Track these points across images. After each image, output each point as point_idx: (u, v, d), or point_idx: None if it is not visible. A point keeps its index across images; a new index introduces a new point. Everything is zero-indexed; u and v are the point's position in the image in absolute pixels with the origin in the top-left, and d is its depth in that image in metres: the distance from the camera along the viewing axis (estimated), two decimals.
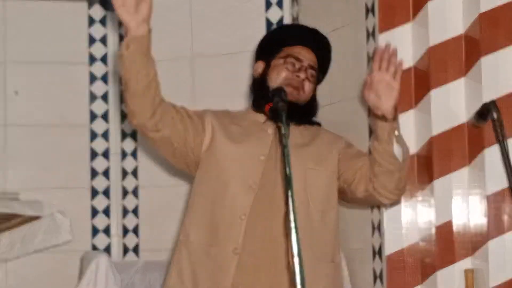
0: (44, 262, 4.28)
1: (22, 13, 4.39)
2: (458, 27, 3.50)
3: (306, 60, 3.17)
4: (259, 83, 3.16)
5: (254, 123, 3.15)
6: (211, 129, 3.11)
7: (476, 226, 3.43)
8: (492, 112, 2.91)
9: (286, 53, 3.16)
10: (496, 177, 3.32)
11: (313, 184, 3.07)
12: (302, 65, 3.15)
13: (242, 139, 3.09)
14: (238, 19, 4.31)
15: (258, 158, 3.05)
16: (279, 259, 2.96)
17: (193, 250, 3.04)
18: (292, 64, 3.14)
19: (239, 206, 3.00)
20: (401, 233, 3.54)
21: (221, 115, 3.20)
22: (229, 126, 3.14)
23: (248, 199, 3.00)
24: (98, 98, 4.44)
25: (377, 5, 3.62)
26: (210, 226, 3.03)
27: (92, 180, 4.39)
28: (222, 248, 2.99)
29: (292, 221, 2.49)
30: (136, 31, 2.82)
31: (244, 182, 3.03)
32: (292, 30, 3.37)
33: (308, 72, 3.16)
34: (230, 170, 3.04)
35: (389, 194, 3.12)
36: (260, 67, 3.20)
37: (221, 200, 3.03)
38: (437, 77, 3.49)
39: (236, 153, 3.06)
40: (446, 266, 3.45)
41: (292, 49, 3.17)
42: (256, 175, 3.03)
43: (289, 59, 3.14)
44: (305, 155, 3.08)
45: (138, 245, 4.38)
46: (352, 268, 3.73)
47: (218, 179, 3.06)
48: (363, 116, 3.71)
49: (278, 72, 3.12)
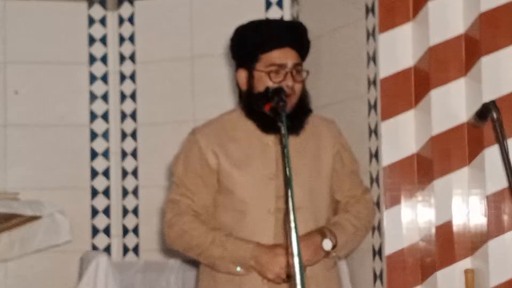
0: (44, 262, 4.28)
1: (22, 13, 4.39)
2: (458, 27, 3.50)
3: (288, 61, 2.98)
4: (248, 96, 3.05)
5: (251, 135, 3.04)
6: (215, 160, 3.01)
7: (476, 226, 3.43)
8: (492, 112, 2.91)
9: (265, 63, 2.98)
10: (496, 177, 3.32)
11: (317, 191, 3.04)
12: (286, 71, 2.97)
13: (245, 162, 3.00)
14: (238, 19, 4.30)
15: (268, 178, 2.99)
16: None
17: (218, 279, 3.01)
18: (275, 72, 2.96)
19: (261, 233, 2.96)
20: (401, 233, 3.54)
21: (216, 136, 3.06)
22: (229, 149, 3.02)
23: (269, 225, 2.97)
24: (98, 98, 4.44)
25: (377, 5, 3.61)
26: None
27: (92, 180, 4.40)
28: (251, 277, 2.95)
29: (292, 221, 2.49)
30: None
31: (262, 209, 2.97)
32: (265, 33, 3.03)
33: (294, 74, 2.98)
34: (245, 199, 2.97)
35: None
36: (242, 76, 3.04)
37: (242, 229, 2.98)
38: (437, 77, 3.49)
39: (245, 180, 2.98)
40: (446, 266, 3.45)
41: (270, 56, 2.98)
42: (270, 198, 2.98)
43: (271, 68, 2.97)
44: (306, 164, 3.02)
45: (138, 245, 4.38)
46: (352, 268, 3.74)
47: (235, 209, 3.00)
48: (363, 116, 3.71)
49: (264, 84, 2.96)
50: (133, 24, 4.46)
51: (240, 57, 3.08)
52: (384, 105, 3.58)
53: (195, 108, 4.37)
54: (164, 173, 4.27)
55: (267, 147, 3.02)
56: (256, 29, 3.06)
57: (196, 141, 3.04)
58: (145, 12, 4.46)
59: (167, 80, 4.43)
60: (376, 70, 3.63)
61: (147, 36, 4.45)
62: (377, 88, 3.62)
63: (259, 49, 3.00)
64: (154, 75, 4.44)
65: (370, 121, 3.68)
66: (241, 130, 3.05)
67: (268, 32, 3.03)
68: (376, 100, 3.62)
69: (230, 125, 3.08)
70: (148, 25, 4.46)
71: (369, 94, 3.69)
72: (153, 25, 4.46)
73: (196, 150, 3.03)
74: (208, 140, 3.02)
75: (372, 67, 3.67)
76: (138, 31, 4.46)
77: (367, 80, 3.70)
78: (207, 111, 3.50)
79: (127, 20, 4.47)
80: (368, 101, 3.70)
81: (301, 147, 3.04)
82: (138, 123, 4.43)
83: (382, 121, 3.58)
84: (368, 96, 3.70)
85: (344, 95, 3.85)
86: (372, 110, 3.66)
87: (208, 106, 4.29)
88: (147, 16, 4.46)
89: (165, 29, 4.43)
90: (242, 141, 3.03)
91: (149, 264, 4.05)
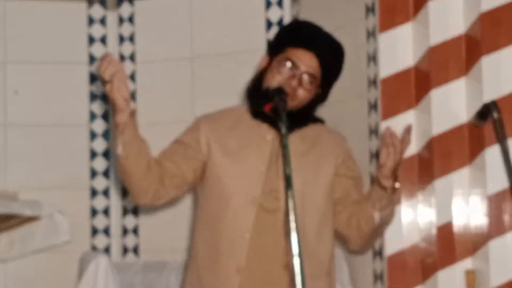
0: (43, 263, 4.28)
1: (22, 13, 4.39)
2: (458, 26, 3.50)
3: (304, 66, 2.99)
4: (256, 80, 3.08)
5: (252, 128, 3.07)
6: (206, 145, 3.06)
7: (477, 226, 3.42)
8: (493, 112, 2.91)
9: (286, 55, 3.01)
10: (497, 177, 3.32)
11: (310, 197, 3.02)
12: (296, 72, 2.98)
13: (239, 152, 3.02)
14: (238, 19, 4.31)
15: (257, 170, 2.99)
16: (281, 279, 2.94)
17: (201, 266, 3.03)
18: (288, 68, 2.99)
19: (241, 223, 2.95)
20: (402, 234, 3.53)
21: (218, 124, 3.11)
22: (226, 138, 3.05)
23: (250, 216, 2.96)
24: (97, 98, 4.44)
25: (377, 5, 3.62)
26: (214, 242, 2.99)
27: (92, 180, 4.39)
28: (225, 266, 2.95)
29: (292, 221, 2.48)
30: (125, 114, 2.84)
31: (245, 197, 2.97)
32: (302, 30, 3.09)
33: (303, 79, 2.99)
34: (230, 186, 2.98)
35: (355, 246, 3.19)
36: (264, 61, 3.09)
37: (223, 217, 2.98)
38: (438, 77, 3.49)
39: (234, 169, 3.00)
40: (446, 267, 3.44)
41: (294, 52, 3.01)
42: (256, 188, 2.98)
43: (287, 62, 2.99)
44: (303, 167, 3.00)
45: (137, 246, 4.37)
46: (352, 268, 3.73)
47: (220, 196, 3.01)
48: (363, 116, 3.71)
49: (273, 75, 3.00)
50: (133, 24, 4.46)
51: (272, 45, 3.16)
52: (384, 105, 3.58)
53: (195, 108, 4.37)
54: None
55: (265, 142, 3.02)
56: (299, 26, 3.20)
57: (198, 122, 3.15)
58: (145, 12, 4.46)
59: (167, 80, 4.43)
60: (376, 70, 3.63)
61: (147, 36, 4.45)
62: (377, 88, 3.62)
63: (288, 42, 3.04)
64: (154, 75, 4.44)
65: (370, 121, 3.68)
66: (243, 124, 3.09)
67: (306, 31, 3.08)
68: (376, 100, 3.62)
69: (233, 117, 3.13)
70: (148, 25, 4.45)
71: (369, 94, 3.69)
72: (153, 25, 4.45)
73: (195, 128, 3.12)
74: (207, 129, 3.09)
75: (372, 67, 3.67)
76: (138, 31, 4.45)
77: (367, 80, 3.71)
78: (207, 111, 3.49)
79: (127, 20, 4.46)
80: (368, 101, 3.70)
81: (302, 150, 3.04)
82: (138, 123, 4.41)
83: (382, 121, 3.57)
84: (368, 96, 3.70)
85: (344, 95, 3.85)
86: (372, 110, 3.66)
87: (208, 106, 4.26)
88: (147, 16, 4.46)
89: (165, 29, 4.43)
90: (241, 133, 3.06)
91: (149, 265, 4.05)
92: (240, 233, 2.95)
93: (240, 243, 2.95)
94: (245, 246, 2.94)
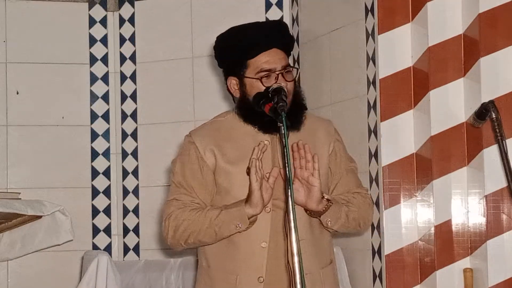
0: (45, 262, 4.29)
1: (22, 13, 4.40)
2: (457, 27, 3.50)
3: (278, 64, 2.93)
4: (243, 101, 3.02)
5: (247, 135, 3.00)
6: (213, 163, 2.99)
7: (475, 226, 3.43)
8: (491, 112, 2.91)
9: (254, 69, 2.93)
10: (495, 177, 3.33)
11: None
12: (276, 73, 2.92)
13: (241, 162, 2.96)
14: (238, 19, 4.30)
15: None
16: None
17: (215, 278, 2.99)
18: (266, 77, 2.92)
19: (256, 232, 2.93)
20: (401, 233, 3.54)
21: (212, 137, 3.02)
22: (225, 149, 2.98)
23: (266, 224, 2.93)
24: (98, 98, 4.45)
25: (377, 5, 3.62)
26: (230, 253, 2.96)
27: (93, 180, 4.40)
28: (246, 277, 2.93)
29: (292, 220, 2.49)
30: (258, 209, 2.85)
31: None
32: (248, 39, 2.97)
33: (285, 75, 2.94)
34: (240, 197, 2.92)
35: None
36: (234, 84, 3.00)
37: None
38: (436, 77, 3.49)
39: (241, 179, 2.94)
40: (445, 266, 3.45)
41: (258, 61, 2.93)
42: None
43: (261, 74, 2.92)
44: None
45: (138, 245, 4.38)
46: (352, 268, 3.74)
47: None
48: (363, 116, 3.72)
49: (257, 89, 2.93)
50: (133, 24, 4.47)
51: (228, 65, 3.03)
52: (383, 105, 3.59)
53: (195, 108, 4.38)
54: (164, 173, 4.28)
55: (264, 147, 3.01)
56: (238, 35, 2.98)
57: (191, 142, 3.02)
58: (145, 12, 4.47)
59: (167, 80, 4.44)
60: (375, 71, 3.63)
61: (147, 37, 4.46)
62: (376, 88, 3.62)
63: (245, 56, 2.94)
64: (154, 75, 4.45)
65: (369, 121, 3.69)
66: (236, 131, 3.02)
67: (251, 36, 2.96)
68: (376, 100, 3.63)
69: (225, 126, 3.05)
70: (148, 25, 4.47)
71: (369, 94, 3.69)
72: (153, 26, 4.47)
73: (193, 151, 3.01)
74: (203, 141, 3.00)
75: (371, 67, 3.67)
76: (138, 31, 4.47)
77: (366, 80, 3.71)
78: (207, 111, 3.51)
79: (127, 20, 4.48)
80: (367, 101, 3.70)
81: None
82: (139, 123, 4.43)
83: (382, 121, 3.58)
84: (367, 96, 3.70)
85: (344, 95, 3.86)
86: (372, 110, 3.67)
87: (208, 106, 4.30)
88: (147, 17, 4.47)
89: (165, 30, 4.44)
90: (238, 141, 3.01)
91: (150, 264, 4.05)
92: (258, 243, 2.93)
93: (259, 254, 2.93)
94: (264, 257, 2.92)
